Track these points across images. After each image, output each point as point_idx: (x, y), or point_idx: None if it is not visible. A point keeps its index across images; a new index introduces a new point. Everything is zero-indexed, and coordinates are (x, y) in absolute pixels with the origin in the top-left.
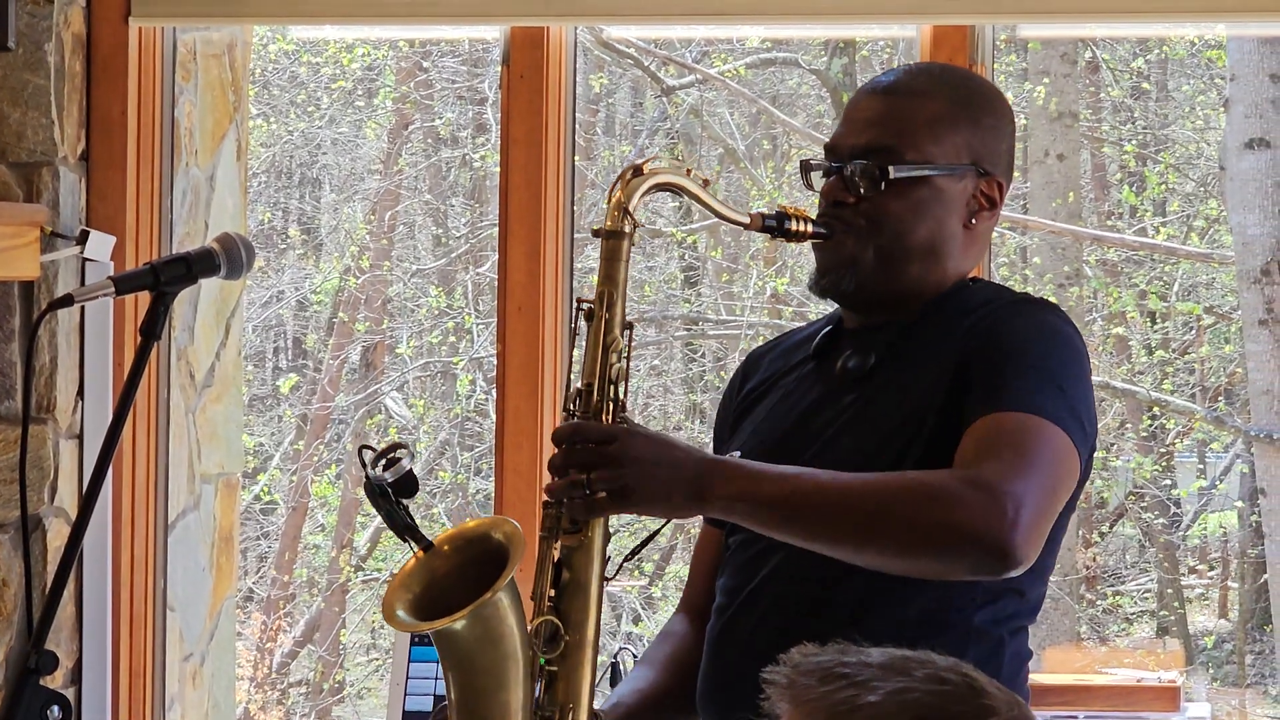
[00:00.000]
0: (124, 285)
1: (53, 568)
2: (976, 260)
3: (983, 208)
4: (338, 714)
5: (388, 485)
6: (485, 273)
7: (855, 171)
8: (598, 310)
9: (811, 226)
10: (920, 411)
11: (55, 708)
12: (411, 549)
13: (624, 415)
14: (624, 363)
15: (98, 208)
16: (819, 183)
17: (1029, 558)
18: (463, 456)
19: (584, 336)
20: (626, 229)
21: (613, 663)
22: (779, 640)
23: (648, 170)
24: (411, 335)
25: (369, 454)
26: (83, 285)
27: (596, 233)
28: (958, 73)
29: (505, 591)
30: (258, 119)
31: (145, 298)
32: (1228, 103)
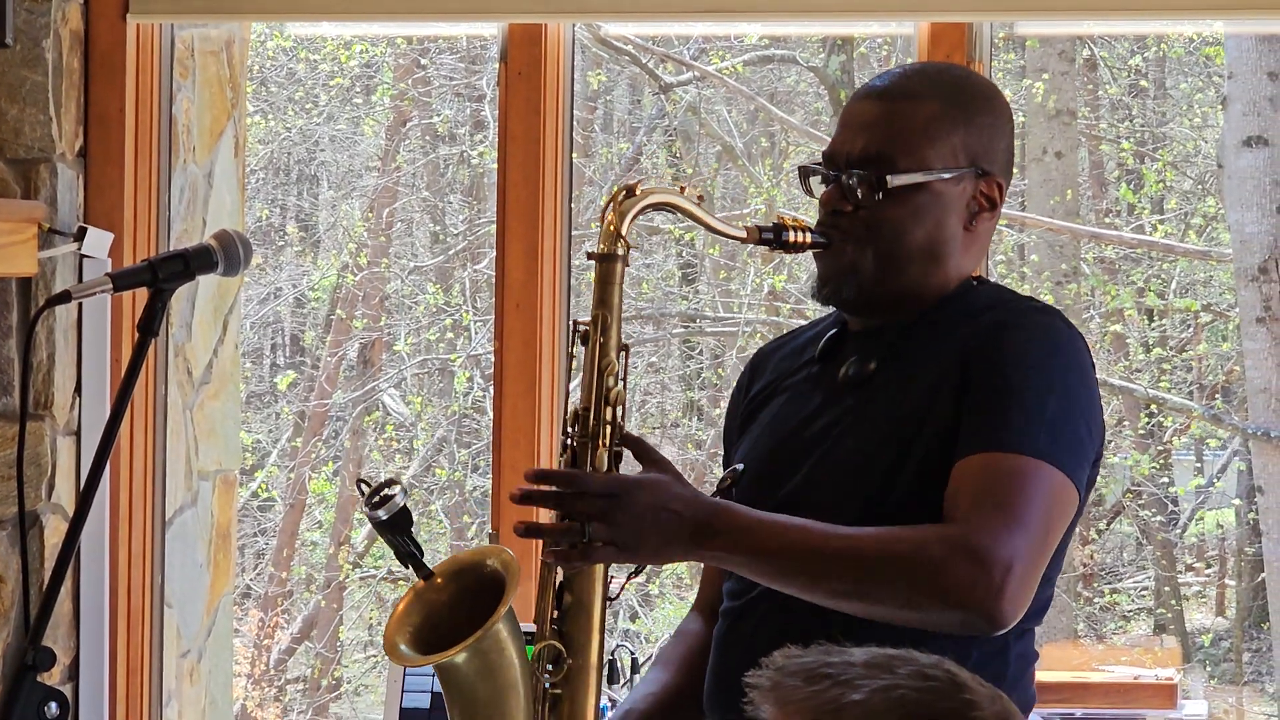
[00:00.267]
0: (122, 282)
1: (50, 564)
2: (978, 260)
3: (983, 208)
4: (335, 711)
5: (383, 521)
6: (483, 270)
7: (853, 180)
8: (593, 334)
9: (810, 236)
10: (921, 411)
11: (52, 704)
12: (412, 579)
13: (621, 438)
14: (620, 385)
15: (95, 204)
16: (818, 189)
17: (1017, 616)
18: (460, 453)
19: (581, 358)
20: (619, 252)
21: (610, 660)
22: (780, 642)
23: (640, 191)
24: (409, 332)
25: (365, 488)
26: (80, 282)
27: (590, 256)
28: (953, 72)
29: (504, 621)
30: (255, 116)
31: (143, 294)
32: (1226, 100)
